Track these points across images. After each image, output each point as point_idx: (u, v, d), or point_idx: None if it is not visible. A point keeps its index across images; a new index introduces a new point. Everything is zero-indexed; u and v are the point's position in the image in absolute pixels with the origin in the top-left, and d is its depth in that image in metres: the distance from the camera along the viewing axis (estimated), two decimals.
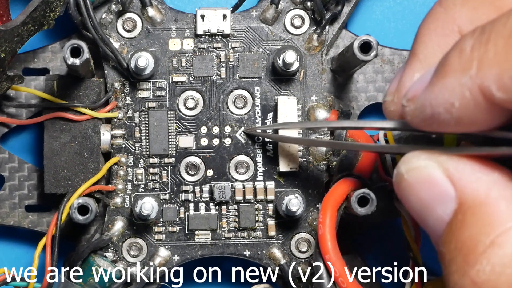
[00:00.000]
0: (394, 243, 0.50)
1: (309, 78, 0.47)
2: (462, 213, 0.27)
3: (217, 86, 0.47)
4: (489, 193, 0.27)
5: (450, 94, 0.26)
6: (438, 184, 0.28)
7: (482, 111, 0.26)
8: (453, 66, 0.26)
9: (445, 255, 0.27)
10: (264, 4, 0.47)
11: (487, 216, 0.26)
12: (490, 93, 0.25)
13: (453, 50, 0.27)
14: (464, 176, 0.27)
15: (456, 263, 0.26)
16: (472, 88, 0.25)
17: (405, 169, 0.29)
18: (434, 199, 0.28)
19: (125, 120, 0.46)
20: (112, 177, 0.46)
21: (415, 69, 0.31)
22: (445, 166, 0.28)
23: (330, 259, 0.38)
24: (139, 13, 0.46)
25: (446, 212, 0.28)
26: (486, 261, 0.25)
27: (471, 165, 0.27)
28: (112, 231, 0.46)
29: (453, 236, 0.27)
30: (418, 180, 0.29)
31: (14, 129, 0.49)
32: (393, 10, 0.51)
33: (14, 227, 0.48)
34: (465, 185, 0.27)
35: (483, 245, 0.26)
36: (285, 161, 0.46)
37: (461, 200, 0.27)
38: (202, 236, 0.47)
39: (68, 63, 0.42)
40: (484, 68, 0.25)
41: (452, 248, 0.27)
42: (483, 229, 0.26)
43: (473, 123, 0.26)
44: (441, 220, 0.28)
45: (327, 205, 0.39)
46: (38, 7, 0.41)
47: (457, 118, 0.26)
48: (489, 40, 0.25)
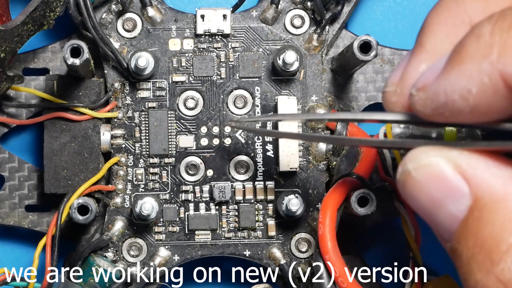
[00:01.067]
0: (394, 243, 0.50)
1: (309, 78, 0.47)
2: (478, 209, 0.26)
3: (217, 86, 0.47)
4: (506, 189, 0.26)
5: (467, 80, 0.26)
6: (449, 180, 0.27)
7: (500, 98, 0.25)
8: (471, 51, 0.26)
9: (462, 253, 0.27)
10: (264, 4, 0.47)
11: (508, 211, 0.26)
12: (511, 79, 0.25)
13: (470, 36, 0.26)
14: (477, 171, 0.27)
15: (477, 261, 0.26)
16: (492, 74, 0.25)
17: (412, 166, 0.28)
18: (445, 196, 0.27)
19: (125, 120, 0.46)
20: (112, 177, 0.46)
21: (422, 60, 0.30)
22: (457, 162, 0.27)
23: (330, 259, 0.38)
24: (139, 13, 0.46)
25: (460, 209, 0.27)
26: (511, 259, 0.25)
27: (484, 161, 0.27)
28: (112, 231, 0.46)
29: (471, 233, 0.26)
30: (428, 177, 0.28)
31: (14, 129, 0.48)
32: (393, 10, 0.51)
33: (14, 227, 0.48)
34: (480, 181, 0.27)
35: (507, 243, 0.25)
36: (285, 161, 0.46)
37: (476, 196, 0.27)
38: (202, 236, 0.47)
39: (68, 63, 0.42)
40: (507, 53, 0.25)
41: (471, 246, 0.26)
42: (505, 226, 0.25)
43: (488, 111, 0.26)
44: (455, 217, 0.27)
45: (327, 205, 0.39)
46: (38, 7, 0.41)
47: (472, 105, 0.26)
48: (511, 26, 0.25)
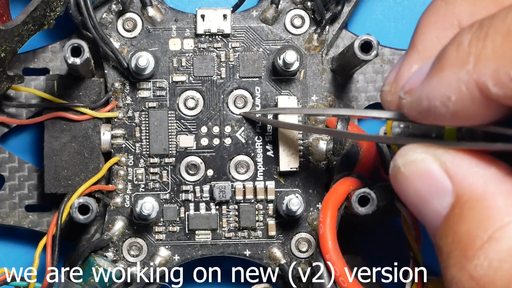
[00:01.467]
0: (394, 243, 0.50)
1: (309, 78, 0.47)
2: (459, 207, 0.27)
3: (217, 86, 0.47)
4: (486, 188, 0.27)
5: (446, 88, 0.26)
6: (434, 177, 0.28)
7: (478, 105, 0.26)
8: (451, 60, 0.26)
9: (443, 248, 0.27)
10: (264, 4, 0.47)
11: (484, 210, 0.26)
12: (486, 88, 0.25)
13: (451, 44, 0.27)
14: (461, 170, 0.28)
15: (453, 257, 0.27)
16: (468, 83, 0.26)
17: (401, 162, 0.29)
18: (430, 192, 0.28)
19: (125, 120, 0.46)
20: (112, 177, 0.46)
21: (413, 61, 0.31)
22: (442, 160, 0.28)
23: (331, 258, 0.38)
24: (139, 13, 0.46)
25: (443, 205, 0.28)
26: (483, 256, 0.26)
27: (468, 159, 0.28)
28: (112, 231, 0.46)
29: (450, 229, 0.27)
30: (414, 173, 0.29)
31: (14, 129, 0.48)
32: (393, 10, 0.51)
33: (14, 227, 0.48)
34: (462, 179, 0.27)
35: (481, 240, 0.26)
36: (285, 161, 0.46)
37: (458, 194, 0.27)
38: (202, 236, 0.47)
39: (69, 62, 0.42)
40: (481, 63, 0.25)
41: (450, 242, 0.27)
42: (481, 224, 0.26)
43: (468, 117, 0.27)
44: (438, 214, 0.28)
45: (327, 205, 0.39)
46: (38, 7, 0.41)
47: (453, 111, 0.27)
48: (487, 36, 0.25)
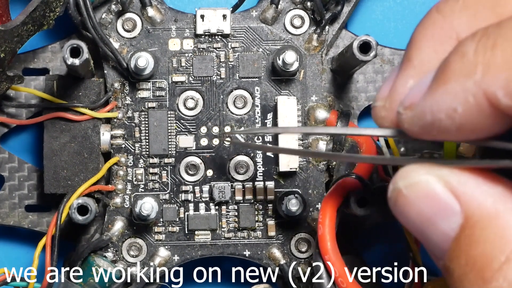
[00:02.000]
0: (394, 243, 0.50)
1: (309, 78, 0.47)
2: (469, 227, 0.26)
3: (217, 86, 0.47)
4: (496, 207, 0.26)
5: (452, 99, 0.26)
6: (440, 198, 0.27)
7: (485, 117, 0.25)
8: (456, 70, 0.26)
9: (454, 271, 0.26)
10: (264, 4, 0.47)
11: (498, 230, 0.26)
12: (495, 98, 0.25)
13: (454, 54, 0.26)
14: (468, 189, 0.27)
15: (469, 280, 0.26)
16: (476, 93, 0.25)
17: (403, 184, 0.28)
18: (437, 214, 0.27)
19: (125, 120, 0.46)
20: (112, 177, 0.46)
21: (409, 76, 0.30)
22: (447, 180, 0.27)
23: (330, 259, 0.38)
24: (139, 13, 0.46)
25: (451, 227, 0.27)
26: (502, 278, 0.25)
27: (474, 178, 0.27)
28: (112, 231, 0.46)
29: (463, 251, 0.26)
30: (418, 195, 0.28)
31: (14, 129, 0.49)
32: (393, 10, 0.51)
33: (14, 227, 0.48)
34: (471, 199, 0.26)
35: (499, 262, 0.25)
36: (285, 161, 0.46)
37: (467, 214, 0.26)
38: (202, 236, 0.47)
39: (68, 63, 0.42)
40: (490, 73, 0.25)
41: (463, 264, 0.26)
42: (496, 244, 0.25)
43: (475, 129, 0.26)
44: (446, 235, 0.27)
45: (326, 205, 0.39)
46: (38, 7, 0.41)
47: (459, 124, 0.26)
48: (495, 45, 0.25)
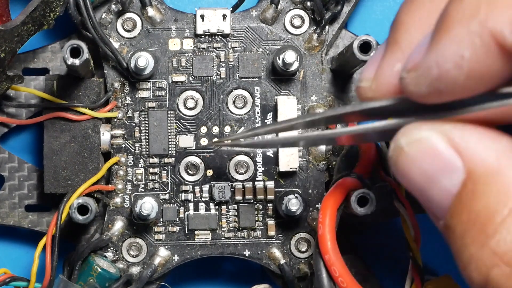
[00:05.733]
0: (394, 243, 0.50)
1: (309, 78, 0.47)
2: (472, 183, 0.26)
3: (217, 86, 0.47)
4: (500, 161, 0.25)
5: (458, 46, 0.25)
6: (443, 154, 0.27)
7: (494, 59, 0.24)
8: (457, 14, 0.25)
9: (456, 228, 0.26)
10: (264, 4, 0.47)
11: (502, 184, 0.25)
12: (502, 37, 0.24)
13: (452, 1, 0.25)
14: (471, 145, 0.26)
15: (471, 235, 0.25)
16: (482, 34, 0.24)
17: (405, 141, 0.28)
18: (439, 170, 0.27)
19: (125, 120, 0.46)
20: (112, 177, 0.46)
21: (396, 59, 0.29)
22: (450, 136, 0.27)
23: (330, 259, 0.38)
24: (139, 13, 0.46)
25: (454, 183, 0.26)
26: (506, 231, 0.25)
27: (477, 134, 0.26)
28: (112, 231, 0.46)
29: (465, 207, 0.26)
30: (420, 152, 0.27)
31: (14, 129, 0.49)
32: (393, 10, 0.51)
33: (14, 227, 0.48)
34: (473, 154, 0.26)
35: (501, 215, 0.25)
36: (285, 161, 0.46)
37: (470, 170, 0.26)
38: (201, 236, 0.47)
39: (68, 63, 0.42)
40: (495, 10, 0.24)
41: (465, 220, 0.26)
42: (500, 198, 0.25)
43: (484, 76, 0.25)
44: (448, 192, 0.27)
45: (326, 205, 0.39)
46: (38, 7, 0.41)
47: (467, 72, 0.25)
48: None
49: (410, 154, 0.27)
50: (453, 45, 0.25)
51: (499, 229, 0.25)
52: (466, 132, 0.27)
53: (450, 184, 0.27)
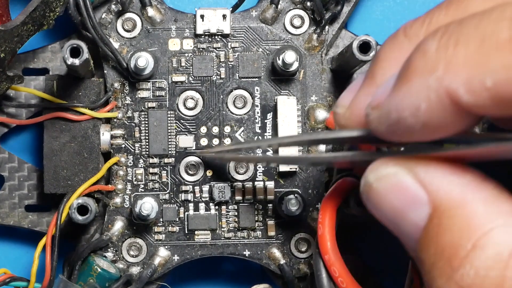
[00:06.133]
0: (394, 243, 0.50)
1: (309, 78, 0.47)
2: (437, 217, 0.26)
3: (216, 86, 0.47)
4: (464, 196, 0.26)
5: (415, 97, 0.25)
6: (409, 189, 0.27)
7: (448, 114, 0.25)
8: (418, 68, 0.26)
9: (425, 261, 0.27)
10: (263, 4, 0.47)
11: (465, 219, 0.26)
12: (457, 95, 0.24)
13: (416, 52, 0.26)
14: (435, 179, 0.27)
15: (438, 268, 0.26)
16: (438, 90, 0.25)
17: (373, 177, 0.28)
18: (406, 205, 0.27)
19: (125, 120, 0.46)
20: (111, 177, 0.46)
21: (370, 92, 0.30)
22: (415, 171, 0.27)
23: (330, 259, 0.38)
24: (138, 13, 0.46)
25: (420, 217, 0.27)
26: (469, 266, 0.25)
27: (442, 169, 0.27)
28: (111, 231, 0.46)
29: (431, 240, 0.26)
30: (387, 187, 0.28)
31: (14, 129, 0.49)
32: (393, 10, 0.51)
33: (14, 227, 0.48)
34: (438, 188, 0.27)
35: (465, 249, 0.25)
36: None
37: (435, 204, 0.27)
38: (201, 236, 0.47)
39: (68, 63, 0.42)
40: (451, 70, 0.24)
41: (432, 253, 0.26)
42: (463, 233, 0.25)
43: (439, 128, 0.26)
44: (416, 226, 0.27)
45: (326, 205, 0.39)
46: (38, 7, 0.41)
47: (423, 122, 0.26)
48: (457, 42, 0.24)
49: (379, 190, 0.28)
50: (411, 95, 0.26)
51: (463, 263, 0.25)
52: (431, 168, 0.27)
53: (418, 218, 0.27)
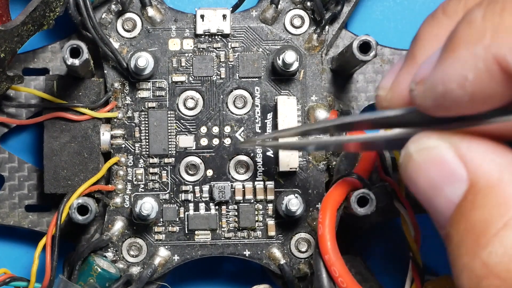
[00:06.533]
0: (394, 243, 0.50)
1: (309, 78, 0.47)
2: (473, 194, 0.26)
3: (217, 86, 0.47)
4: (502, 175, 0.26)
5: (462, 67, 0.25)
6: (449, 164, 0.27)
7: (496, 83, 0.25)
8: (464, 37, 0.25)
9: (453, 237, 0.27)
10: (264, 4, 0.47)
11: (500, 198, 0.26)
12: (506, 62, 0.24)
13: (462, 23, 0.26)
14: (476, 157, 0.27)
15: (466, 245, 0.26)
16: (486, 58, 0.25)
17: (414, 149, 0.28)
18: (444, 179, 0.27)
19: (125, 120, 0.46)
20: (112, 177, 0.46)
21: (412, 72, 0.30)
22: (457, 146, 0.27)
23: (330, 259, 0.38)
24: (139, 13, 0.46)
25: (456, 193, 0.27)
26: (498, 243, 0.25)
27: (484, 147, 0.27)
28: (112, 231, 0.46)
29: (463, 216, 0.26)
30: (428, 160, 0.28)
31: (14, 129, 0.49)
32: (393, 10, 0.51)
33: (14, 227, 0.48)
34: (478, 166, 0.27)
35: (496, 227, 0.25)
36: (285, 161, 0.46)
37: (472, 181, 0.27)
38: (202, 236, 0.47)
39: (68, 63, 0.42)
40: (499, 36, 0.24)
41: (462, 230, 0.26)
42: (496, 211, 0.25)
43: (487, 98, 0.25)
44: (450, 202, 0.27)
45: (326, 205, 0.39)
46: (38, 7, 0.41)
47: (470, 93, 0.25)
48: (504, 9, 0.24)
49: (418, 162, 0.28)
50: (457, 66, 0.25)
51: (492, 241, 0.25)
52: (473, 144, 0.27)
53: (453, 194, 0.27)
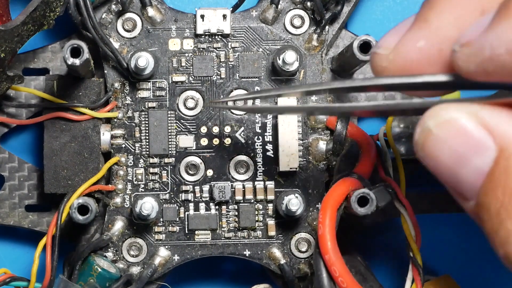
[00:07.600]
0: (394, 243, 0.50)
1: (309, 78, 0.47)
2: (505, 159, 0.26)
3: (217, 86, 0.47)
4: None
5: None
6: (473, 134, 0.27)
7: None
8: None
9: (490, 205, 0.26)
10: (264, 4, 0.47)
11: None
12: None
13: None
14: (501, 123, 0.26)
15: (507, 210, 0.25)
16: None
17: (433, 123, 0.27)
18: (470, 150, 0.27)
19: (125, 120, 0.46)
20: (112, 177, 0.46)
21: (422, 36, 0.29)
22: (479, 116, 0.27)
23: (330, 259, 0.38)
24: (139, 13, 0.46)
25: (485, 161, 0.26)
26: None
27: (506, 112, 0.26)
28: (112, 231, 0.46)
29: (499, 183, 0.26)
30: (449, 133, 0.27)
31: (14, 129, 0.49)
32: (393, 10, 0.51)
33: (14, 227, 0.48)
34: (504, 132, 0.26)
35: None
36: (285, 161, 0.46)
37: (502, 147, 0.26)
38: (202, 236, 0.47)
39: (68, 63, 0.42)
40: None
41: (500, 196, 0.26)
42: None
43: None
44: (480, 171, 0.27)
45: (327, 205, 0.39)
46: (38, 7, 0.41)
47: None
48: None
49: (439, 136, 0.27)
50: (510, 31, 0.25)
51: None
52: (495, 112, 0.27)
53: (482, 163, 0.27)
